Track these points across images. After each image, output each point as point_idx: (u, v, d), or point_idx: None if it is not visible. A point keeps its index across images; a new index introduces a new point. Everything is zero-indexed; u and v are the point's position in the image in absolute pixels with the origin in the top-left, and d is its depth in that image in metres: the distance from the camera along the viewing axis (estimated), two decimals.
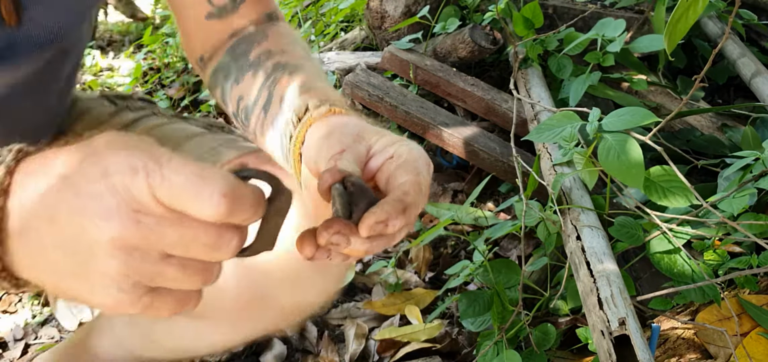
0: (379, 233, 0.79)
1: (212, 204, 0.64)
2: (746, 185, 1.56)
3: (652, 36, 2.26)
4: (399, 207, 0.79)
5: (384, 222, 0.78)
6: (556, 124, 1.70)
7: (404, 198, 0.81)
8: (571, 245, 1.58)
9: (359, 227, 0.78)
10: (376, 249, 0.83)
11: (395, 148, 0.90)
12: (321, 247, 0.79)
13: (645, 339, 1.30)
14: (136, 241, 0.65)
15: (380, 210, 0.78)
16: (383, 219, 0.78)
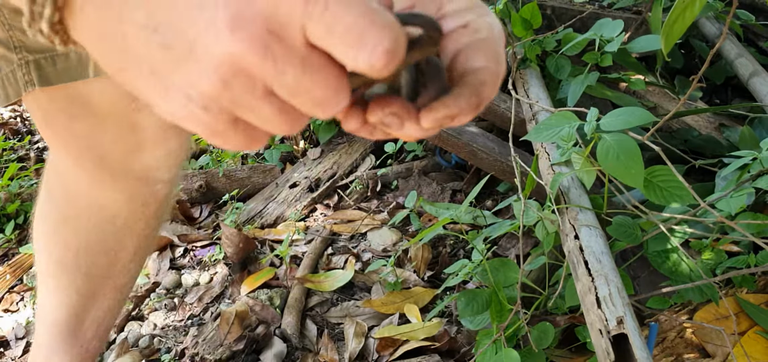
0: (442, 125, 0.68)
1: (371, 57, 0.54)
2: (744, 184, 1.57)
3: (649, 36, 2.27)
4: (474, 102, 0.67)
5: (454, 116, 0.67)
6: (555, 124, 1.71)
7: (481, 91, 0.68)
8: (570, 244, 1.59)
9: (422, 116, 0.66)
10: (429, 133, 0.71)
11: (472, 16, 0.74)
12: (367, 124, 0.68)
13: (643, 337, 1.30)
14: (251, 67, 0.55)
15: (453, 102, 0.66)
16: (454, 113, 0.66)
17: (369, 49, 0.54)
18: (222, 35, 0.53)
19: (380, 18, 0.54)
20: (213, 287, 2.42)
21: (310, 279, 2.34)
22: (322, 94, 0.57)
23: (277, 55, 0.54)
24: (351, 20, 0.53)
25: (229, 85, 0.55)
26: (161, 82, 0.58)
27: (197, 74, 0.56)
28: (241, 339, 2.08)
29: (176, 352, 2.14)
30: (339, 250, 2.54)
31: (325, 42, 0.54)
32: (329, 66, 0.56)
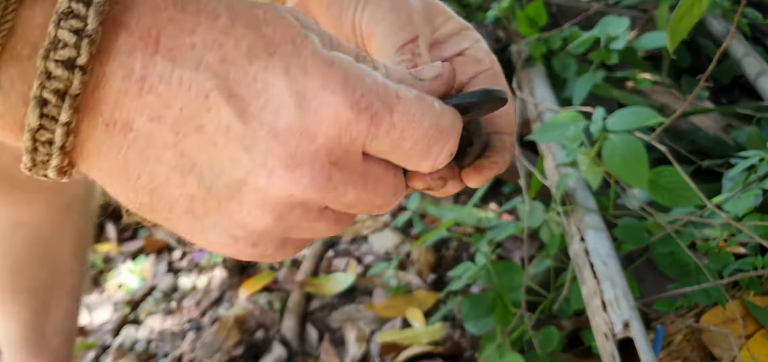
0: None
1: (436, 163, 0.53)
2: (751, 186, 1.55)
3: (656, 34, 2.25)
4: (506, 159, 0.65)
5: (498, 172, 0.65)
6: (560, 124, 1.69)
7: (512, 139, 0.67)
8: (575, 246, 1.57)
9: (464, 176, 0.64)
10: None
11: (468, 43, 0.72)
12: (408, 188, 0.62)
13: (649, 341, 1.29)
14: (311, 200, 0.50)
15: (490, 165, 0.64)
16: (491, 174, 0.64)
17: (434, 157, 0.53)
18: (278, 175, 0.48)
19: (445, 122, 0.52)
20: (211, 291, 2.40)
21: (310, 282, 2.32)
22: (383, 201, 0.55)
23: (338, 182, 0.50)
24: (419, 135, 0.51)
25: (283, 218, 0.51)
26: (200, 222, 0.52)
27: (246, 214, 0.50)
28: (240, 343, 2.06)
29: (173, 357, 2.13)
30: (340, 253, 2.52)
31: (389, 156, 0.52)
32: (389, 172, 0.55)
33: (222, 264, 2.51)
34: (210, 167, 0.48)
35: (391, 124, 0.49)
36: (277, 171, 0.48)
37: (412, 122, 0.50)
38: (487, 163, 0.63)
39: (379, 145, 0.50)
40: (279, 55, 0.47)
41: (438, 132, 0.51)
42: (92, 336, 2.29)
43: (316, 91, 0.47)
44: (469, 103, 0.56)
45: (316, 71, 0.47)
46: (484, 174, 0.63)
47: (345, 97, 0.47)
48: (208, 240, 0.53)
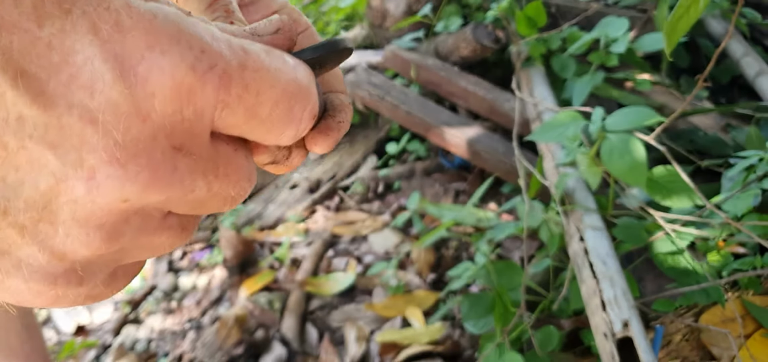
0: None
1: (301, 128, 0.43)
2: (750, 185, 1.55)
3: (655, 35, 2.25)
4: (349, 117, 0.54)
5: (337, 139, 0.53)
6: (560, 124, 1.69)
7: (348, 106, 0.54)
8: (575, 246, 1.57)
9: (310, 142, 0.51)
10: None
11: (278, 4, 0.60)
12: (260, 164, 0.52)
13: (648, 340, 1.29)
14: (152, 200, 0.37)
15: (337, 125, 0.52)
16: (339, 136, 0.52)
17: (297, 120, 0.42)
18: (104, 175, 0.34)
19: (303, 76, 0.42)
20: (211, 290, 2.40)
21: (310, 282, 2.32)
22: (236, 190, 0.43)
23: (185, 173, 0.38)
24: (278, 94, 0.40)
25: (117, 235, 0.37)
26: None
27: (63, 240, 0.36)
28: (240, 343, 2.06)
29: (174, 357, 2.12)
30: (340, 253, 2.52)
31: (242, 129, 0.40)
32: (239, 152, 0.43)
33: (222, 263, 2.51)
34: (2, 182, 0.34)
35: (244, 85, 0.38)
36: (102, 169, 0.34)
37: (268, 79, 0.39)
38: (334, 124, 0.51)
39: (231, 116, 0.38)
40: (80, 9, 0.33)
41: (298, 89, 0.41)
42: (93, 335, 2.29)
43: (140, 53, 0.34)
44: (318, 56, 0.47)
45: (135, 26, 0.34)
46: (332, 136, 0.51)
47: (181, 57, 0.35)
48: (11, 289, 0.38)
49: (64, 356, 2.16)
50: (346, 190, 2.91)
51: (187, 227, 0.44)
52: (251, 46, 0.39)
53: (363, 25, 3.50)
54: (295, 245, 2.58)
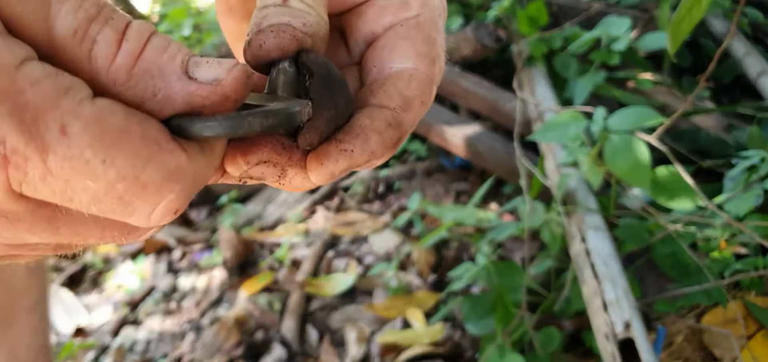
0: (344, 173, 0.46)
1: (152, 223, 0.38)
2: (752, 186, 1.54)
3: (657, 34, 2.25)
4: (390, 139, 0.46)
5: (361, 165, 0.45)
6: (561, 124, 1.68)
7: (401, 119, 0.47)
8: (576, 247, 1.57)
9: (312, 169, 0.45)
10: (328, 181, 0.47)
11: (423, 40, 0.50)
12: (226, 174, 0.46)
13: (650, 341, 1.28)
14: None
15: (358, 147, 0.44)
16: (362, 163, 0.45)
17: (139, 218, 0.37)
18: None
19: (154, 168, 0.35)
20: (211, 291, 2.40)
21: (310, 283, 2.31)
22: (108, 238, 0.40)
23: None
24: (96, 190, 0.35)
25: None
26: None
27: None
28: (240, 344, 2.06)
29: (173, 358, 2.12)
30: (340, 253, 2.51)
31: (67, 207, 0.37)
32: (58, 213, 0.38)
33: (222, 264, 2.51)
34: None
35: (47, 170, 0.33)
36: None
37: (83, 171, 0.34)
38: (334, 150, 0.44)
39: (41, 194, 0.35)
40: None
41: (138, 186, 0.35)
42: (92, 336, 2.29)
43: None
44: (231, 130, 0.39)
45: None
46: (327, 166, 0.44)
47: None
48: None
49: (63, 357, 2.16)
50: (347, 191, 2.91)
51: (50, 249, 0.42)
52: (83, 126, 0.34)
53: None
54: (295, 246, 2.57)
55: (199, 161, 0.38)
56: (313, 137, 0.44)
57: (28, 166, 0.33)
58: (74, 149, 0.33)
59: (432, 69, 0.49)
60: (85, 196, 0.35)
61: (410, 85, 0.48)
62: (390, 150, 0.46)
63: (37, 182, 0.34)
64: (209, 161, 0.39)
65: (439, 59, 0.50)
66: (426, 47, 0.49)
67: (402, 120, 0.46)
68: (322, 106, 0.44)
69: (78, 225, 0.38)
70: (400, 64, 0.49)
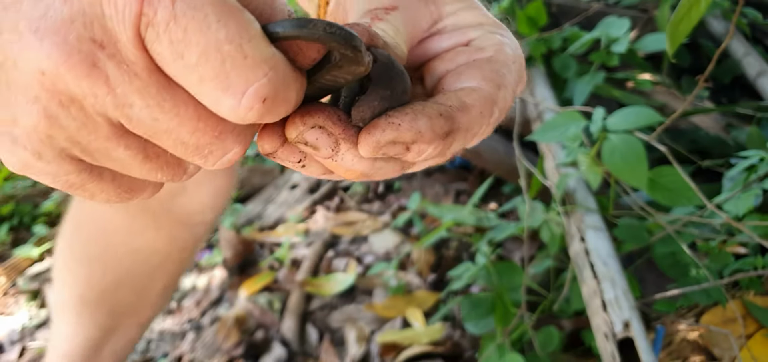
0: (394, 155, 0.49)
1: (240, 106, 0.40)
2: (751, 185, 1.55)
3: (657, 35, 2.25)
4: (440, 127, 0.48)
5: (406, 144, 0.47)
6: (560, 124, 1.68)
7: (453, 115, 0.49)
8: (575, 247, 1.57)
9: (360, 138, 0.47)
10: (380, 175, 0.51)
11: (478, 33, 0.57)
12: (287, 144, 0.49)
13: (649, 341, 1.28)
14: (78, 91, 0.40)
15: (406, 122, 0.47)
16: (406, 139, 0.47)
17: (234, 91, 0.40)
18: (26, 41, 0.39)
19: (253, 46, 0.40)
20: (211, 291, 2.40)
21: (310, 282, 2.31)
22: (195, 138, 0.43)
23: (112, 76, 0.39)
24: (206, 44, 0.38)
25: (56, 118, 0.41)
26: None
27: (15, 102, 0.41)
28: (240, 344, 2.06)
29: (173, 358, 2.12)
30: (340, 253, 2.51)
31: (174, 70, 0.40)
32: (195, 103, 0.42)
33: (222, 264, 2.51)
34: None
35: (173, 15, 0.38)
36: (26, 35, 0.39)
37: (199, 23, 0.38)
38: (383, 121, 0.47)
39: (157, 42, 0.39)
40: None
41: (240, 54, 0.39)
42: None
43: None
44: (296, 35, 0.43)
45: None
46: (374, 134, 0.47)
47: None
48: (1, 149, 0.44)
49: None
50: (347, 190, 2.91)
51: (154, 156, 0.45)
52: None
53: None
54: (295, 245, 2.57)
55: (282, 61, 0.42)
56: (365, 111, 0.48)
57: (160, 5, 0.37)
58: (198, 2, 0.38)
59: (496, 91, 0.53)
60: (196, 50, 0.38)
61: (470, 94, 0.51)
62: (437, 138, 0.48)
63: (161, 27, 0.38)
64: (288, 67, 0.42)
65: (505, 88, 0.54)
66: (492, 74, 0.53)
67: (455, 116, 0.49)
68: (378, 85, 0.47)
69: (180, 104, 0.41)
70: (466, 83, 0.53)
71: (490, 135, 0.58)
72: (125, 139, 0.43)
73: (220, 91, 0.40)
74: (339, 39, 0.43)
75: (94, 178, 0.46)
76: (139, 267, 1.52)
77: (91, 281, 1.51)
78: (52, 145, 0.43)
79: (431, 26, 0.58)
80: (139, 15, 0.38)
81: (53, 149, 0.43)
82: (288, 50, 0.43)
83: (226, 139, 0.44)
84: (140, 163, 0.45)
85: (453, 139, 0.49)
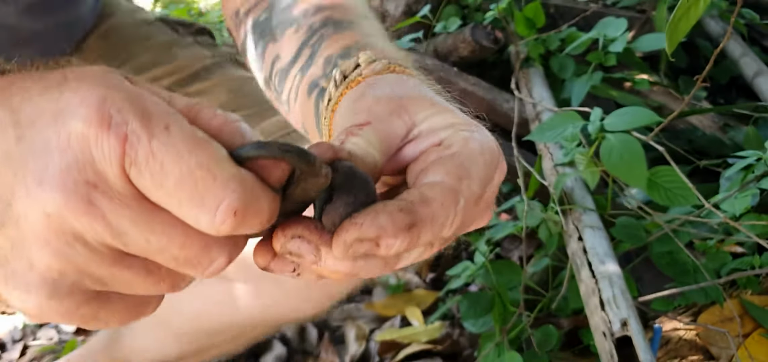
0: (365, 253, 0.53)
1: (215, 220, 0.46)
2: (748, 185, 1.55)
3: (654, 35, 2.25)
4: (401, 221, 0.51)
5: (372, 240, 0.51)
6: (558, 124, 1.69)
7: (414, 209, 0.52)
8: (573, 246, 1.57)
9: (332, 242, 0.52)
10: (366, 272, 0.56)
11: (449, 133, 0.60)
12: (277, 256, 0.55)
13: (647, 340, 1.29)
14: (80, 227, 0.46)
15: (368, 220, 0.51)
16: (370, 236, 0.51)
17: (209, 209, 0.46)
18: (34, 192, 0.46)
19: (223, 170, 0.46)
20: None
21: None
22: (185, 253, 0.49)
23: (107, 210, 0.46)
24: (180, 172, 0.45)
25: (65, 255, 0.47)
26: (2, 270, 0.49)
27: (29, 247, 0.47)
28: None
29: None
30: None
31: (157, 197, 0.46)
32: (181, 224, 0.48)
33: None
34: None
35: (151, 152, 0.45)
36: (32, 186, 0.46)
37: (173, 155, 0.45)
38: (348, 223, 0.52)
39: (142, 178, 0.45)
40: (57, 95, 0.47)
41: (210, 176, 0.46)
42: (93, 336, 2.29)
43: (74, 107, 0.46)
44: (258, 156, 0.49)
45: (83, 88, 0.47)
46: (340, 235, 0.52)
47: (97, 111, 0.45)
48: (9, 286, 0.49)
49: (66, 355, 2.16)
50: None
51: (152, 271, 0.51)
52: (180, 127, 0.47)
53: None
54: None
55: (250, 177, 0.48)
56: (333, 216, 0.53)
57: (139, 144, 0.45)
58: (171, 139, 0.45)
59: (457, 183, 0.56)
60: (172, 179, 0.45)
61: (432, 188, 0.55)
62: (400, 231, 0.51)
63: (142, 164, 0.45)
64: (256, 183, 0.49)
65: (469, 179, 0.57)
66: (455, 168, 0.57)
67: (416, 209, 0.53)
68: (342, 192, 0.53)
69: (168, 225, 0.48)
70: (430, 178, 0.57)
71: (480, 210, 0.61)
72: (128, 260, 0.49)
73: (197, 209, 0.46)
74: (293, 155, 0.49)
75: (103, 305, 0.52)
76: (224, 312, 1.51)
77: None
78: (63, 282, 0.48)
79: (406, 134, 0.62)
80: (123, 155, 0.45)
81: (65, 285, 0.49)
82: (256, 170, 0.49)
83: (211, 251, 0.50)
84: (143, 278, 0.51)
85: (419, 231, 0.52)
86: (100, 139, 0.45)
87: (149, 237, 0.47)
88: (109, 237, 0.47)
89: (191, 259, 0.49)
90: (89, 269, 0.48)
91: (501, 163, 0.62)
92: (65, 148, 0.45)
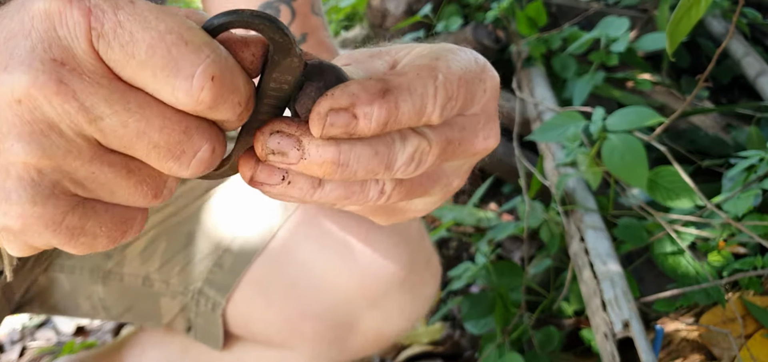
0: (346, 130, 0.49)
1: (193, 87, 0.44)
2: (751, 185, 1.55)
3: (656, 35, 2.25)
4: (373, 87, 0.50)
5: (347, 108, 0.49)
6: (560, 124, 1.69)
7: (387, 77, 0.51)
8: (575, 246, 1.57)
9: (309, 121, 0.50)
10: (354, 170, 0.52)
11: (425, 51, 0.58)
12: (261, 163, 0.52)
13: (649, 341, 1.29)
14: (53, 114, 0.44)
15: (339, 90, 0.49)
16: (343, 104, 0.49)
17: (185, 76, 0.44)
18: (1, 81, 0.44)
19: (195, 35, 0.45)
20: None
21: None
22: (166, 138, 0.46)
23: (78, 90, 0.44)
24: (151, 38, 0.44)
25: (41, 147, 0.45)
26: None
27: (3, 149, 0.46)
28: None
29: None
30: None
31: (130, 72, 0.45)
32: (158, 102, 0.46)
33: None
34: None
35: (118, 22, 0.44)
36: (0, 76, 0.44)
37: (141, 22, 0.44)
38: (321, 99, 0.50)
39: (111, 52, 0.44)
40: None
41: (182, 41, 0.44)
42: (92, 336, 2.29)
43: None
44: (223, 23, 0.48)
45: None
46: (315, 109, 0.50)
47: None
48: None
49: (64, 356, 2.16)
50: None
51: (133, 170, 0.49)
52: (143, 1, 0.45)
53: (363, 25, 3.49)
54: None
55: (224, 49, 0.47)
56: (306, 102, 0.51)
57: (105, 17, 0.43)
58: (137, 9, 0.44)
59: (435, 62, 0.54)
60: (143, 46, 0.44)
61: (405, 65, 0.55)
62: (378, 98, 0.50)
63: (110, 35, 0.44)
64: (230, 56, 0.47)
65: (445, 58, 0.55)
66: (431, 51, 0.56)
67: (388, 78, 0.51)
68: (312, 79, 0.51)
69: (144, 105, 0.46)
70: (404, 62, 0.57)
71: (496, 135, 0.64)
72: (108, 157, 0.47)
73: (173, 77, 0.44)
74: (265, 21, 0.47)
75: (89, 214, 0.49)
76: None
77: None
78: (43, 182, 0.46)
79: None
80: (89, 29, 0.44)
81: (45, 187, 0.46)
82: (228, 47, 0.48)
83: (192, 135, 0.47)
84: (125, 178, 0.48)
85: (395, 98, 0.50)
86: (63, 15, 0.44)
87: (126, 118, 0.45)
88: (84, 121, 0.45)
89: (172, 147, 0.47)
90: (68, 165, 0.46)
91: (488, 66, 0.61)
92: (30, 30, 0.44)
